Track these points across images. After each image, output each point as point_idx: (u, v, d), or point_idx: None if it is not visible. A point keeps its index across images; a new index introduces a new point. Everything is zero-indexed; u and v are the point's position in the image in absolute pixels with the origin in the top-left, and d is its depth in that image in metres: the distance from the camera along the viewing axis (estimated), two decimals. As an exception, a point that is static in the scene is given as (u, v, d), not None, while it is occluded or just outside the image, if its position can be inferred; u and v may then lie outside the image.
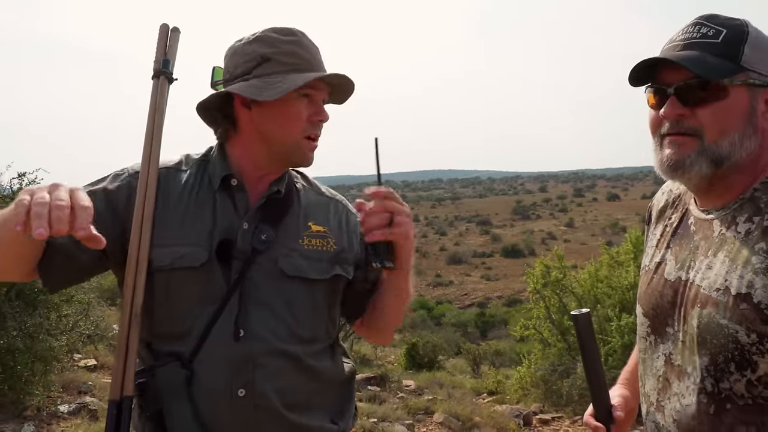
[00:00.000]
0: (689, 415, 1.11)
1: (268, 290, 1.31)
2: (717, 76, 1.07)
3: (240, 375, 1.26)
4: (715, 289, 1.08)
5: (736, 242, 1.09)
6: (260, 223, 1.33)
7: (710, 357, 1.08)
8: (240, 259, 1.30)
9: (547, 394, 7.98)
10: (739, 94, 1.09)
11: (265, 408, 1.27)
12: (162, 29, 1.42)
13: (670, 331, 1.18)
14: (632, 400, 1.40)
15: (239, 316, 1.28)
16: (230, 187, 1.36)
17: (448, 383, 9.28)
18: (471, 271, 59.65)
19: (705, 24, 1.11)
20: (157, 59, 1.40)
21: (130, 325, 1.24)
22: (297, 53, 1.33)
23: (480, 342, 18.25)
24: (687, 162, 1.10)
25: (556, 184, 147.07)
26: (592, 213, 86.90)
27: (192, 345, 1.27)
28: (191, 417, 1.23)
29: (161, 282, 1.28)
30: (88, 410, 4.91)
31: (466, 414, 6.71)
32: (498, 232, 77.52)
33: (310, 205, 1.44)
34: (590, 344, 1.31)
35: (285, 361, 1.30)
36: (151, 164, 1.32)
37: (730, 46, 1.09)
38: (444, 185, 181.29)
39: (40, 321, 4.65)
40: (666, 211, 1.32)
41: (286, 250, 1.34)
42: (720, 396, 1.07)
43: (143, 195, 1.30)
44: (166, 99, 1.40)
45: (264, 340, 1.28)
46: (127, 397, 1.22)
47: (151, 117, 1.36)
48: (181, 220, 1.32)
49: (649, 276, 1.27)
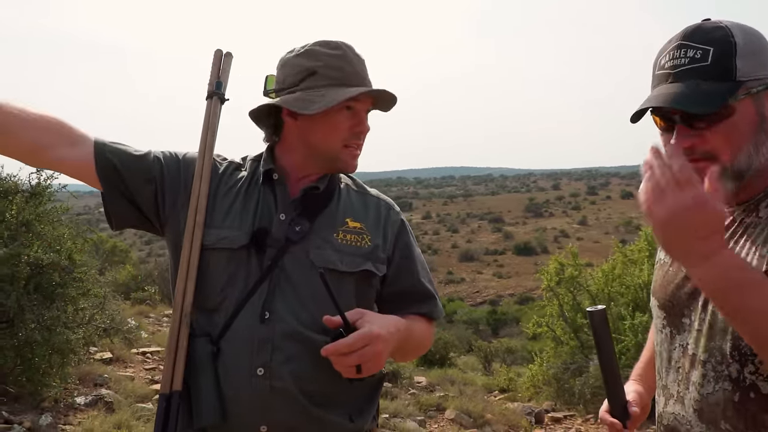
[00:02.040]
0: (711, 404, 1.11)
1: (297, 279, 1.38)
2: (717, 104, 1.05)
3: (260, 355, 1.33)
4: None
5: (757, 226, 1.09)
6: (297, 216, 1.42)
7: (733, 342, 1.08)
8: (274, 247, 1.38)
9: (560, 393, 7.97)
10: (745, 108, 1.07)
11: (281, 390, 1.32)
12: (216, 54, 1.54)
13: (686, 322, 1.18)
14: (646, 396, 1.41)
15: (267, 300, 1.36)
16: (272, 181, 1.45)
17: (460, 380, 9.28)
18: (483, 269, 59.53)
19: (690, 45, 1.07)
20: (211, 81, 1.51)
21: (180, 325, 1.34)
22: (341, 67, 1.41)
23: (491, 339, 18.23)
24: None
25: (569, 181, 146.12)
26: (606, 211, 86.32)
27: (222, 323, 1.36)
28: (213, 391, 1.30)
29: (203, 258, 1.39)
30: (104, 402, 4.98)
31: (478, 411, 6.72)
32: (510, 229, 77.25)
33: (350, 202, 1.51)
34: (606, 340, 1.31)
35: (304, 347, 1.34)
36: (203, 179, 1.42)
37: (722, 65, 1.05)
38: (456, 182, 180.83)
39: (58, 314, 4.72)
40: None
41: (320, 242, 1.41)
42: (744, 383, 1.06)
43: (195, 206, 1.40)
44: (219, 118, 1.50)
45: (285, 324, 1.35)
46: (176, 392, 1.31)
47: (204, 135, 1.47)
48: (229, 208, 1.43)
49: (665, 269, 1.27)
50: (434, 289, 1.58)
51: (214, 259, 1.39)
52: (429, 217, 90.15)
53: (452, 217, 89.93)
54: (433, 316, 1.56)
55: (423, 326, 1.53)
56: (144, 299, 11.71)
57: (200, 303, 1.38)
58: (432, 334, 1.59)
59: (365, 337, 1.26)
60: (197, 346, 1.34)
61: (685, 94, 1.06)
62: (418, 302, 1.53)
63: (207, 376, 1.31)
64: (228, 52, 1.55)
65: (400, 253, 1.52)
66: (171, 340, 1.33)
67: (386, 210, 1.54)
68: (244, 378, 1.32)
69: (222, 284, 1.38)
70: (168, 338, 1.35)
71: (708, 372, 1.12)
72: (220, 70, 1.53)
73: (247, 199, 1.45)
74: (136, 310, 10.38)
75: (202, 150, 1.45)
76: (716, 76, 1.05)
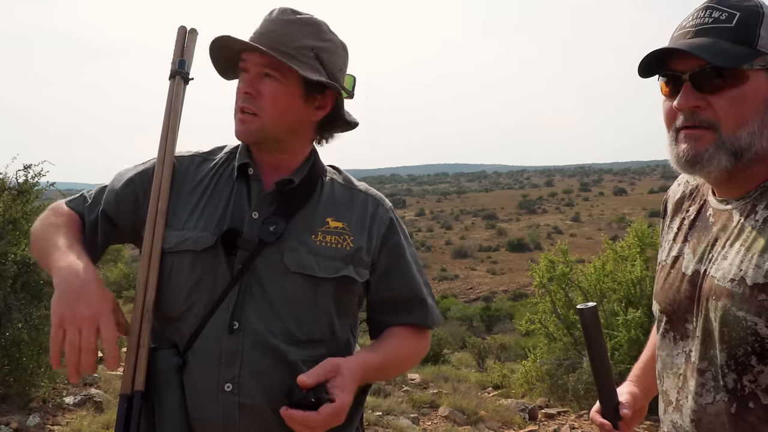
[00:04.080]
0: (710, 415, 1.07)
1: (270, 284, 1.27)
2: (732, 63, 1.02)
3: (228, 369, 1.23)
4: (729, 280, 1.04)
5: (753, 231, 1.05)
6: (271, 215, 1.30)
7: (728, 351, 1.04)
8: (245, 249, 1.27)
9: (553, 389, 7.96)
10: (757, 80, 1.03)
11: (250, 408, 1.23)
12: (180, 31, 1.44)
13: (689, 327, 1.13)
14: (642, 398, 1.36)
15: (236, 308, 1.25)
16: (248, 176, 1.35)
17: (453, 377, 9.27)
18: (476, 265, 59.56)
19: (716, 7, 1.06)
20: (174, 60, 1.41)
21: (142, 320, 1.25)
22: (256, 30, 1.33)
23: (485, 336, 18.25)
24: (705, 156, 1.05)
25: (562, 178, 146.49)
26: (599, 207, 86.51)
27: (188, 333, 1.26)
28: (178, 407, 1.22)
29: (166, 264, 1.29)
30: (93, 402, 4.93)
31: (471, 408, 6.70)
32: (504, 226, 77.32)
33: (333, 199, 1.38)
34: (597, 339, 1.27)
35: (275, 360, 1.25)
36: (165, 164, 1.34)
37: (745, 30, 1.03)
38: (450, 179, 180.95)
39: (46, 313, 4.65)
40: (683, 203, 1.26)
41: (295, 244, 1.29)
42: (743, 393, 1.02)
43: (157, 193, 1.31)
44: (183, 99, 1.41)
45: (255, 335, 1.24)
46: (138, 392, 1.22)
47: (167, 116, 1.37)
48: (194, 206, 1.33)
49: (666, 271, 1.22)
50: (429, 292, 1.44)
51: (177, 264, 1.28)
52: (422, 214, 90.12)
53: (446, 214, 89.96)
54: (426, 325, 1.43)
55: (409, 344, 1.40)
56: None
57: (165, 309, 1.28)
58: (426, 344, 1.46)
59: (336, 411, 1.17)
60: (162, 358, 1.24)
61: (705, 44, 1.03)
62: (408, 311, 1.40)
63: (172, 392, 1.22)
64: (192, 29, 1.45)
65: (388, 255, 1.39)
66: (132, 337, 1.24)
67: (374, 207, 1.41)
68: (211, 395, 1.23)
69: (187, 291, 1.27)
70: (129, 335, 1.25)
71: (707, 381, 1.08)
72: (183, 47, 1.43)
73: (216, 196, 1.34)
74: (128, 308, 10.27)
75: (165, 133, 1.36)
76: (737, 39, 1.03)
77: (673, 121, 1.10)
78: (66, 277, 1.18)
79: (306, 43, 1.29)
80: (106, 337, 1.15)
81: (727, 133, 1.04)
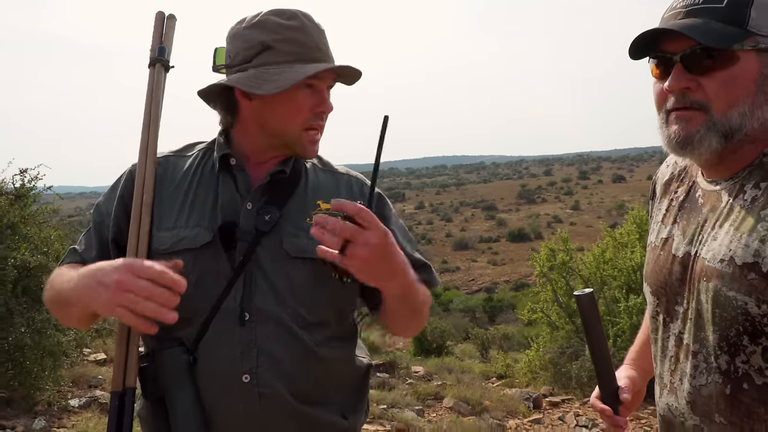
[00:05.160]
0: (704, 396, 1.07)
1: (273, 272, 1.27)
2: (723, 43, 1.01)
3: (245, 360, 1.23)
4: (719, 260, 1.04)
5: (742, 211, 1.04)
6: (265, 204, 1.30)
7: (720, 332, 1.04)
8: (245, 240, 1.27)
9: (557, 377, 7.98)
10: (748, 61, 1.03)
11: (270, 397, 1.23)
12: (158, 17, 1.39)
13: (680, 310, 1.13)
14: (639, 381, 1.37)
15: (244, 300, 1.25)
16: (230, 167, 1.33)
17: (457, 368, 9.30)
18: (477, 257, 59.65)
19: None
20: (153, 47, 1.37)
21: None
22: (299, 41, 1.26)
23: (488, 327, 18.29)
24: (696, 138, 1.05)
25: (560, 167, 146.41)
26: (598, 195, 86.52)
27: (196, 329, 1.24)
28: (192, 404, 1.20)
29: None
30: (98, 404, 4.95)
31: (476, 398, 6.72)
32: (503, 216, 77.37)
33: (318, 183, 1.38)
34: (595, 325, 1.27)
35: (290, 346, 1.25)
36: (148, 154, 1.30)
37: (736, 10, 1.02)
38: (448, 171, 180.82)
39: (48, 316, 4.67)
40: (671, 184, 1.26)
41: (293, 230, 1.29)
42: (737, 374, 1.03)
43: (141, 184, 1.28)
44: (164, 87, 1.37)
45: (268, 324, 1.24)
46: (130, 389, 1.20)
47: (148, 106, 1.33)
48: (182, 204, 1.31)
49: (656, 253, 1.22)
50: (425, 257, 1.44)
51: None
52: (422, 206, 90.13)
53: (445, 206, 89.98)
54: (431, 283, 1.41)
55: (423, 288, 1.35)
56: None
57: None
58: (429, 303, 1.41)
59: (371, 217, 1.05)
60: (169, 357, 1.23)
61: (696, 25, 1.02)
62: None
63: (185, 390, 1.20)
64: (171, 14, 1.41)
65: None
66: (121, 332, 1.21)
67: (359, 186, 1.42)
68: (228, 387, 1.22)
69: (190, 289, 1.23)
70: (117, 331, 1.22)
71: (700, 363, 1.08)
72: (162, 34, 1.38)
73: (203, 191, 1.32)
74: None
75: (147, 123, 1.32)
76: (728, 19, 1.02)
77: (663, 103, 1.10)
78: (90, 270, 1.15)
79: None
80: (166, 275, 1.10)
81: (718, 115, 1.04)
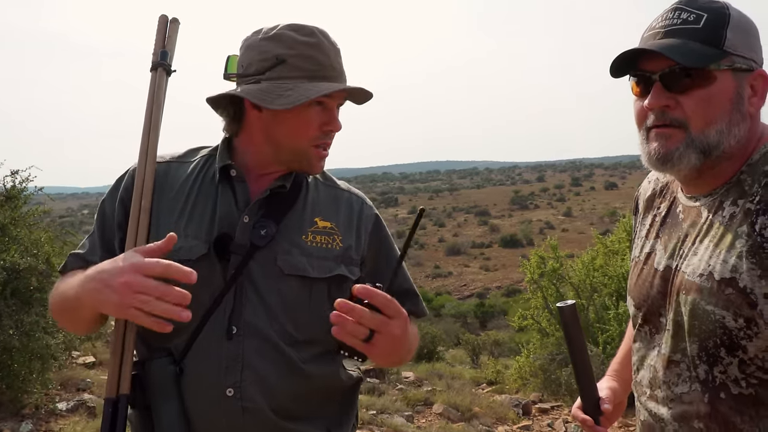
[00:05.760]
0: (685, 404, 1.10)
1: (265, 288, 1.27)
2: (701, 63, 1.05)
3: (229, 374, 1.23)
4: (699, 275, 1.07)
5: (720, 227, 1.08)
6: (261, 218, 1.29)
7: (699, 344, 1.07)
8: (238, 254, 1.27)
9: (546, 384, 8.00)
10: (724, 80, 1.07)
11: (253, 412, 1.23)
12: (161, 20, 1.40)
13: (663, 321, 1.16)
14: (621, 392, 1.39)
15: (234, 314, 1.25)
16: (230, 178, 1.32)
17: (448, 374, 9.30)
18: (470, 262, 59.68)
19: (685, 9, 1.09)
20: (156, 51, 1.38)
21: (126, 322, 1.22)
22: (314, 58, 1.27)
23: (479, 332, 18.28)
24: (675, 155, 1.08)
25: (553, 173, 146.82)
26: (590, 202, 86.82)
27: (184, 340, 1.25)
28: (177, 415, 1.21)
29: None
30: (86, 407, 4.92)
31: (466, 404, 6.73)
32: (496, 222, 77.50)
33: (318, 199, 1.38)
34: (577, 336, 1.29)
35: (276, 363, 1.25)
36: (148, 158, 1.30)
37: (712, 31, 1.06)
38: (442, 176, 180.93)
39: (36, 319, 4.64)
40: (654, 200, 1.30)
41: (287, 247, 1.29)
42: (714, 384, 1.06)
43: (140, 188, 1.28)
44: (165, 91, 1.37)
45: (255, 339, 1.25)
46: (123, 396, 1.21)
47: (149, 110, 1.34)
48: (180, 213, 1.30)
49: (639, 267, 1.25)
50: (415, 286, 1.47)
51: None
52: (415, 211, 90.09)
53: (438, 211, 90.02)
54: (418, 314, 1.45)
55: (413, 328, 1.40)
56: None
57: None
58: (417, 343, 1.46)
59: (397, 307, 1.09)
60: (157, 367, 1.23)
61: (674, 45, 1.06)
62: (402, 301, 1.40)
63: (170, 401, 1.21)
64: (174, 18, 1.41)
65: (377, 250, 1.40)
66: (116, 339, 1.22)
67: (359, 205, 1.42)
68: (212, 400, 1.22)
69: None
70: (112, 338, 1.23)
71: (682, 372, 1.11)
72: (165, 38, 1.38)
73: (201, 202, 1.32)
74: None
75: (147, 126, 1.32)
76: (705, 39, 1.06)
77: (644, 121, 1.13)
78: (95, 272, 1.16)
79: None
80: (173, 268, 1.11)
81: (696, 132, 1.07)
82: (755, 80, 1.09)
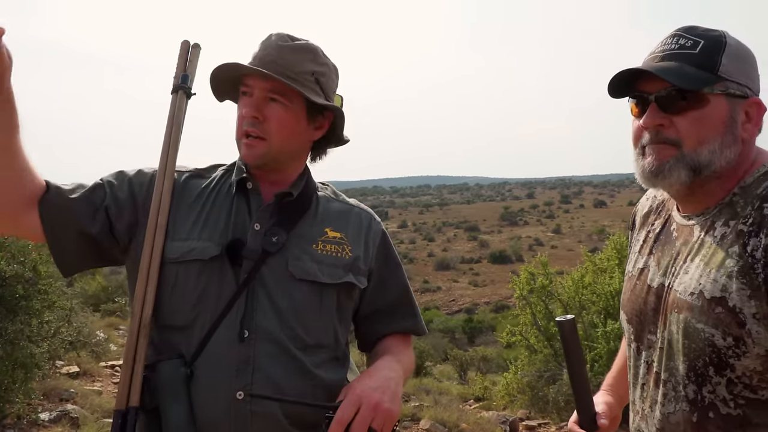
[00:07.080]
0: (673, 424, 1.12)
1: (276, 293, 1.31)
2: (694, 86, 1.09)
3: (240, 377, 1.25)
4: (689, 293, 1.10)
5: (712, 246, 1.11)
6: (273, 226, 1.34)
7: (689, 363, 1.09)
8: (250, 259, 1.31)
9: (534, 401, 8.00)
10: (717, 104, 1.11)
11: (263, 416, 1.25)
12: (183, 45, 1.46)
13: (652, 338, 1.19)
14: (616, 406, 1.41)
15: (245, 317, 1.28)
16: (247, 190, 1.38)
17: (435, 389, 9.26)
18: (459, 277, 59.71)
19: (683, 35, 1.14)
20: (177, 75, 1.44)
21: (138, 335, 1.25)
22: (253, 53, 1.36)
23: (467, 348, 18.25)
24: (666, 168, 1.12)
25: (543, 190, 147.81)
26: (579, 219, 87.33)
27: (196, 343, 1.27)
28: (186, 417, 1.22)
29: (170, 274, 1.30)
30: (69, 418, 4.86)
31: (453, 420, 6.70)
32: (485, 238, 77.69)
33: (329, 212, 1.44)
34: (575, 350, 1.31)
35: (287, 367, 1.28)
36: (166, 177, 1.35)
37: (708, 57, 1.11)
38: (432, 191, 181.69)
39: (21, 327, 4.59)
40: (649, 216, 1.33)
41: (298, 253, 1.34)
42: (703, 403, 1.07)
43: (157, 206, 1.32)
44: (185, 113, 1.44)
45: (267, 342, 1.28)
46: (133, 408, 1.23)
47: (168, 131, 1.39)
48: (197, 218, 1.35)
49: (633, 282, 1.28)
50: (417, 306, 1.53)
51: (183, 273, 1.30)
52: (405, 225, 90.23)
53: (428, 225, 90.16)
54: (418, 333, 1.50)
55: (408, 352, 1.47)
56: (114, 311, 11.48)
57: (170, 319, 1.29)
58: (413, 368, 1.53)
59: (351, 400, 1.18)
60: (167, 368, 1.25)
61: (670, 68, 1.10)
62: (402, 318, 1.48)
63: (180, 402, 1.22)
64: (195, 44, 1.48)
65: (384, 264, 1.46)
66: (128, 351, 1.25)
67: (367, 220, 1.48)
68: (221, 403, 1.24)
69: (194, 300, 1.29)
70: (125, 350, 1.26)
71: (669, 391, 1.13)
72: (186, 62, 1.46)
73: (217, 210, 1.37)
74: (106, 322, 10.17)
75: (166, 146, 1.38)
76: (700, 64, 1.10)
77: (639, 139, 1.18)
78: None
79: (307, 68, 1.35)
80: None
81: (689, 150, 1.11)
82: (750, 107, 1.13)
